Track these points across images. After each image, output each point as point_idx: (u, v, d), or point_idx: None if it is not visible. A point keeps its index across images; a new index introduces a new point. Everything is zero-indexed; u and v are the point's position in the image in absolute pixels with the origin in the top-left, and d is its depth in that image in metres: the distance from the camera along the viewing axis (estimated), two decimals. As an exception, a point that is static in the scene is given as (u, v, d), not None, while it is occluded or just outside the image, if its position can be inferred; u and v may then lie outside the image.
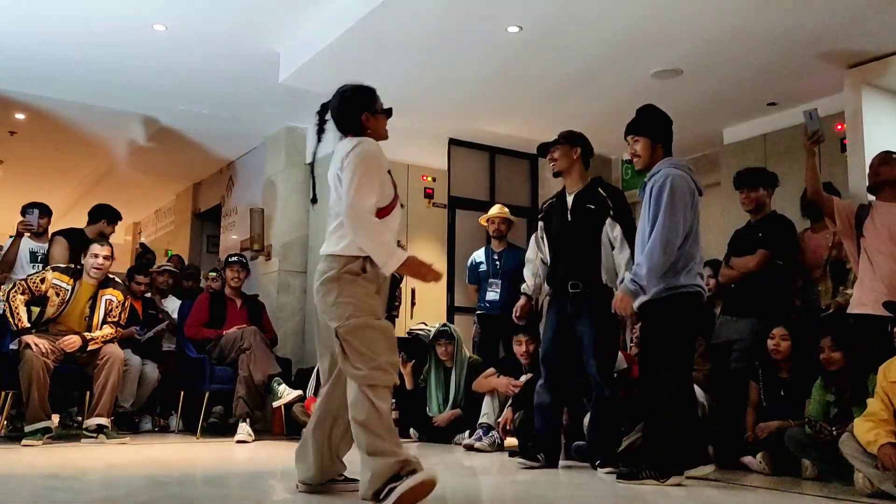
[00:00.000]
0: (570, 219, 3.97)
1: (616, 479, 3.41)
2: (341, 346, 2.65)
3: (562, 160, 4.02)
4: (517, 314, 4.28)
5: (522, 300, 4.28)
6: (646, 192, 3.55)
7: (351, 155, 2.72)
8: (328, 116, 2.95)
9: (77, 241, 5.52)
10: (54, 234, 5.63)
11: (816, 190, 4.14)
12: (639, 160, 3.62)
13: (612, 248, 3.88)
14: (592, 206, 3.92)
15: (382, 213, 2.75)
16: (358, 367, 2.61)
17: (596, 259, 3.88)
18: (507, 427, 4.79)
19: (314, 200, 3.14)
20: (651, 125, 3.65)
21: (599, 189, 3.99)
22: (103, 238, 5.58)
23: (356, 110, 2.88)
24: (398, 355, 2.86)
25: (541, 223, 4.22)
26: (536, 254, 4.22)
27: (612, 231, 3.88)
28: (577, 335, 3.89)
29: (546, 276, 4.16)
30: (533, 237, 4.29)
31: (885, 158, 4.06)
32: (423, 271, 2.77)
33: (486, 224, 5.95)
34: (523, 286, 4.29)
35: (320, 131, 2.98)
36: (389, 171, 2.83)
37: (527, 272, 4.28)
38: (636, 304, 3.46)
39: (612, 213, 3.88)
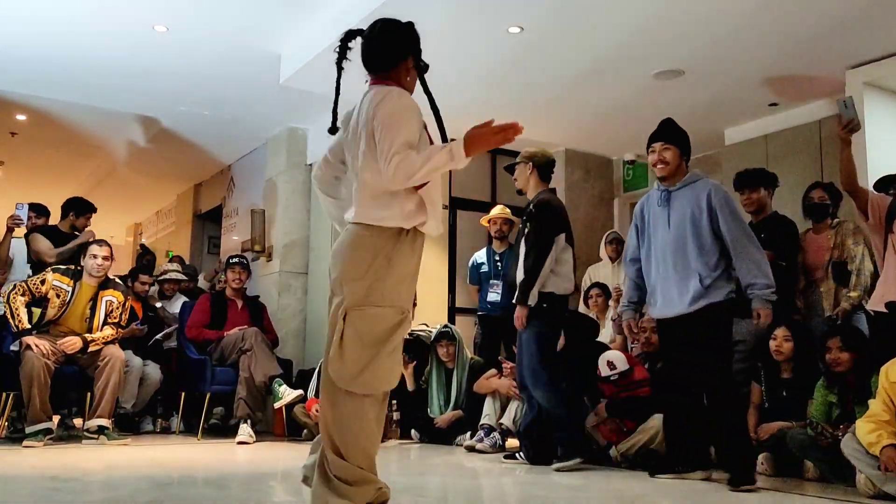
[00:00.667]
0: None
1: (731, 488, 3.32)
2: (342, 331, 2.27)
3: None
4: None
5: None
6: (688, 200, 3.61)
7: (385, 103, 2.30)
8: (353, 45, 2.46)
9: (54, 238, 5.49)
10: (27, 233, 5.55)
11: (852, 182, 3.98)
12: (665, 167, 3.68)
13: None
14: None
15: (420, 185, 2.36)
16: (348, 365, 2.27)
17: None
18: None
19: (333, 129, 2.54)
20: (680, 136, 3.73)
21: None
22: (76, 230, 5.59)
23: (403, 49, 2.45)
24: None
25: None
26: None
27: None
28: None
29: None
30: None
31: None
32: (488, 133, 2.30)
33: (487, 225, 5.95)
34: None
35: (342, 59, 2.45)
36: (426, 127, 2.42)
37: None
38: (703, 302, 3.49)
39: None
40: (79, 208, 5.79)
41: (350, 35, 2.47)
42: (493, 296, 5.64)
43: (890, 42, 4.80)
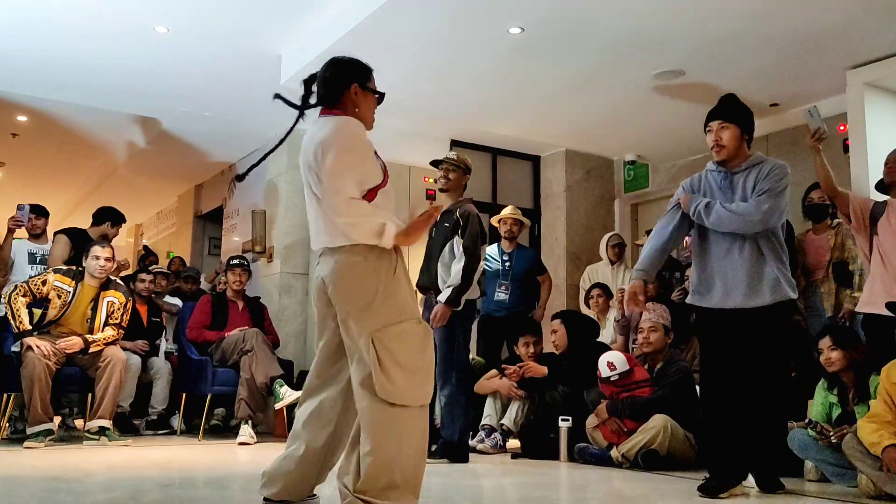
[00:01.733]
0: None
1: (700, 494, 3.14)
2: (377, 357, 2.28)
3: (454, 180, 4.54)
4: None
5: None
6: (749, 181, 3.28)
7: (328, 131, 2.40)
8: (313, 89, 2.56)
9: (79, 241, 5.53)
10: (57, 232, 5.63)
11: (830, 186, 4.00)
12: (722, 150, 3.30)
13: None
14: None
15: (370, 195, 2.41)
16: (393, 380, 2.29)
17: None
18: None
19: None
20: (742, 114, 3.35)
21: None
22: (105, 240, 5.60)
23: (346, 79, 2.54)
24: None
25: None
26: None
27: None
28: None
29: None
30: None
31: None
32: (419, 225, 2.43)
33: (497, 224, 5.96)
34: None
35: (304, 106, 2.57)
36: (376, 152, 2.49)
37: None
38: (778, 296, 3.19)
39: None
40: (115, 219, 5.90)
41: (311, 80, 2.59)
42: (502, 295, 5.64)
43: (890, 42, 4.80)
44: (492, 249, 5.87)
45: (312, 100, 2.58)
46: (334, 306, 2.41)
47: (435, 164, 4.63)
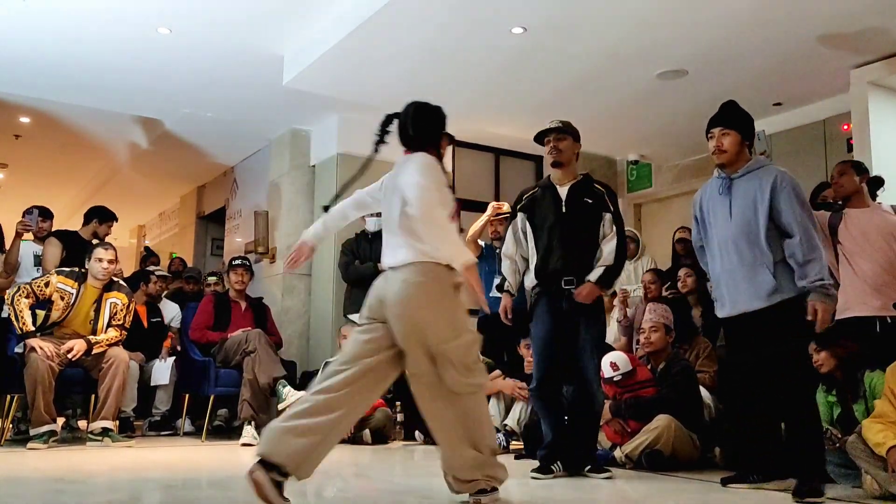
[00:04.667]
0: (564, 211, 3.82)
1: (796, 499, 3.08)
2: (452, 363, 2.66)
3: (567, 152, 3.91)
4: (507, 315, 3.98)
5: (506, 299, 4.00)
6: (750, 187, 3.33)
7: (419, 166, 2.75)
8: (391, 128, 2.87)
9: (72, 243, 5.53)
10: (47, 235, 5.62)
11: None
12: (723, 155, 3.41)
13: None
14: (589, 200, 3.83)
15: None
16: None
17: (591, 254, 3.78)
18: None
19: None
20: (743, 121, 3.46)
21: (595, 184, 3.91)
22: (97, 238, 5.63)
23: (440, 128, 2.93)
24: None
25: (521, 215, 3.97)
26: (516, 248, 3.99)
27: (607, 227, 3.80)
28: (573, 334, 3.72)
29: (536, 271, 3.89)
30: (510, 231, 4.04)
31: (842, 170, 4.04)
32: (477, 288, 2.77)
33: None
34: (505, 283, 4.02)
35: (380, 143, 2.86)
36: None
37: (506, 269, 4.04)
38: (777, 297, 3.20)
39: (611, 208, 3.81)
40: (102, 216, 5.87)
41: (389, 119, 2.87)
42: (496, 293, 5.58)
43: (894, 42, 4.79)
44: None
45: (389, 137, 2.89)
46: (404, 318, 2.66)
47: (539, 138, 4.03)
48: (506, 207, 5.59)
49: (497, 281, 5.53)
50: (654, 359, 4.44)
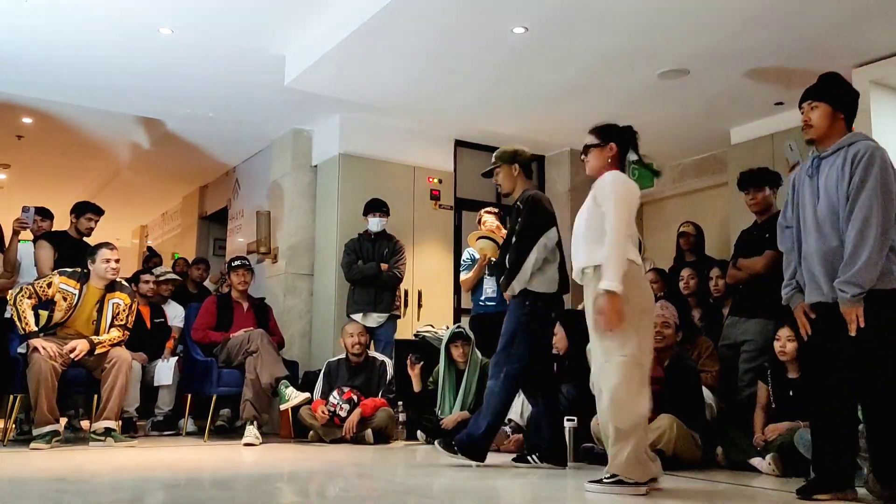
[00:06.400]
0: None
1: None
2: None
3: (505, 181, 4.23)
4: None
5: None
6: (830, 167, 3.04)
7: (615, 185, 3.39)
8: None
9: (61, 243, 5.54)
10: (37, 238, 5.61)
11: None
12: (811, 130, 3.11)
13: None
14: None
15: None
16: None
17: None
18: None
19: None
20: (834, 91, 3.15)
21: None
22: (79, 233, 5.69)
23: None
24: None
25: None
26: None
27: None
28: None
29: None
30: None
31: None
32: (618, 312, 3.05)
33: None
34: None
35: (489, 174, 4.02)
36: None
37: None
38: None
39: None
40: (78, 210, 5.82)
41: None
42: (490, 291, 5.58)
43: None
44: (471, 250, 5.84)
45: None
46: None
47: (487, 176, 4.36)
48: (488, 224, 5.71)
49: (490, 279, 5.55)
50: (660, 356, 4.44)
